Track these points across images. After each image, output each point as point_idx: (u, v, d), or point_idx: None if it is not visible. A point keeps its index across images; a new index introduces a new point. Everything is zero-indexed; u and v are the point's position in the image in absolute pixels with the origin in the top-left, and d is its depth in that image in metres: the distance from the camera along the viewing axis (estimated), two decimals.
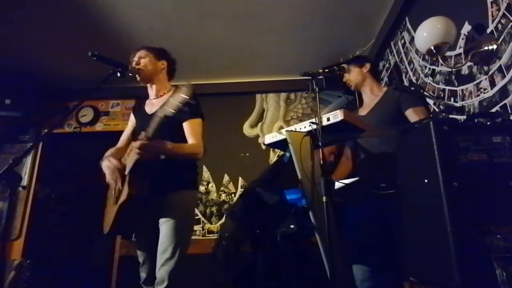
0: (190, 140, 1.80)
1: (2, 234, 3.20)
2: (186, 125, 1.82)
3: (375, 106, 2.01)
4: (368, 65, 2.12)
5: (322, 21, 2.80)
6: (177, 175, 1.80)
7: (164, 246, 1.70)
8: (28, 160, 3.49)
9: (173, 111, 1.48)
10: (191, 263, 2.88)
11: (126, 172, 1.70)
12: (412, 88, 2.27)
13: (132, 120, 2.11)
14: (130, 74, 1.82)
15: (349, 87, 2.18)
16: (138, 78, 1.90)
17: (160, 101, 1.89)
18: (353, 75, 2.13)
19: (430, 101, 2.12)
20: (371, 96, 2.08)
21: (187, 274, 1.76)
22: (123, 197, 1.66)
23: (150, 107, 1.95)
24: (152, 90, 1.98)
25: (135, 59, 1.93)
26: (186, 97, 1.46)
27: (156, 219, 1.78)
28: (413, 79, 2.39)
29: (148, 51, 1.96)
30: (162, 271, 1.67)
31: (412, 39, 2.37)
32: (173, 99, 1.48)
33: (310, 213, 1.46)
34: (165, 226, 1.73)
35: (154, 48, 1.99)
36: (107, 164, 1.77)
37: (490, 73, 1.56)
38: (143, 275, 1.85)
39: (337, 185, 1.66)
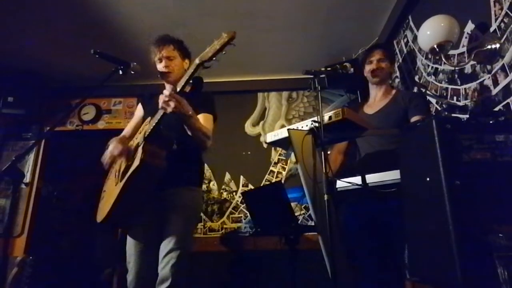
0: None
1: (5, 231, 3.23)
2: (201, 116, 1.78)
3: (384, 108, 1.96)
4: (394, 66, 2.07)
5: (324, 19, 2.79)
6: (186, 169, 1.76)
7: (169, 239, 1.62)
8: (31, 157, 3.50)
9: (210, 56, 1.54)
10: (192, 261, 2.89)
11: (141, 140, 1.61)
12: (422, 91, 2.23)
13: (139, 111, 2.03)
14: (133, 72, 1.78)
15: (375, 76, 1.99)
16: (163, 76, 1.85)
17: None
18: (387, 66, 2.00)
19: (433, 100, 2.11)
20: (382, 97, 2.02)
21: (189, 275, 1.66)
22: (134, 164, 1.53)
23: None
24: (168, 86, 1.89)
25: (164, 54, 1.84)
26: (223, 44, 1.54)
27: (161, 212, 1.71)
28: (416, 78, 2.38)
29: (177, 50, 1.88)
30: (165, 268, 1.57)
31: (415, 38, 2.36)
32: (210, 47, 1.54)
33: (312, 212, 1.46)
34: (174, 219, 1.67)
35: (181, 47, 1.92)
36: (115, 145, 1.69)
37: (493, 72, 1.56)
38: (130, 277, 1.67)
39: (339, 184, 1.66)
